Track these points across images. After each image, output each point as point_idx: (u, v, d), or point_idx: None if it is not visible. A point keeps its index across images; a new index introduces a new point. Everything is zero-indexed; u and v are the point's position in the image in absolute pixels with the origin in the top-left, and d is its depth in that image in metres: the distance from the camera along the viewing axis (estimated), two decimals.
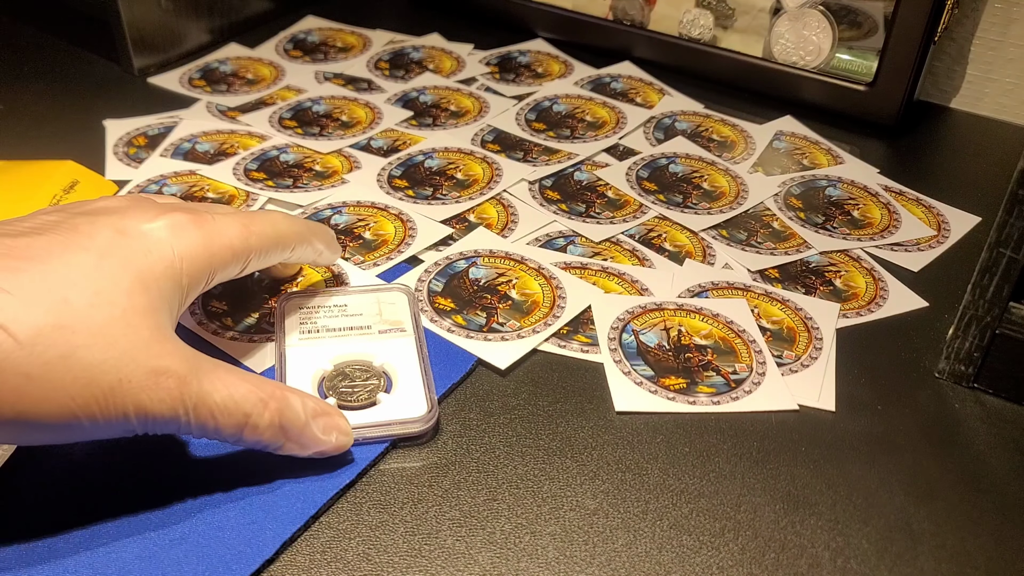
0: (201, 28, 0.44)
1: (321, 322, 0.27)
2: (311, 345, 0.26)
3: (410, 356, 0.26)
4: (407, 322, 0.27)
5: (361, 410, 0.24)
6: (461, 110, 0.40)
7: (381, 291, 0.28)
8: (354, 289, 0.28)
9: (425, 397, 0.24)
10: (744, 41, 0.42)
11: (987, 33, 0.41)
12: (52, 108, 0.39)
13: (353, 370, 0.25)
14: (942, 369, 0.27)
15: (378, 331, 0.26)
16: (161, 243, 0.21)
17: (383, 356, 0.26)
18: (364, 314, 0.27)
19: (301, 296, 0.27)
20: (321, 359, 0.25)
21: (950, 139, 0.41)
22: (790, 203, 0.35)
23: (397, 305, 0.27)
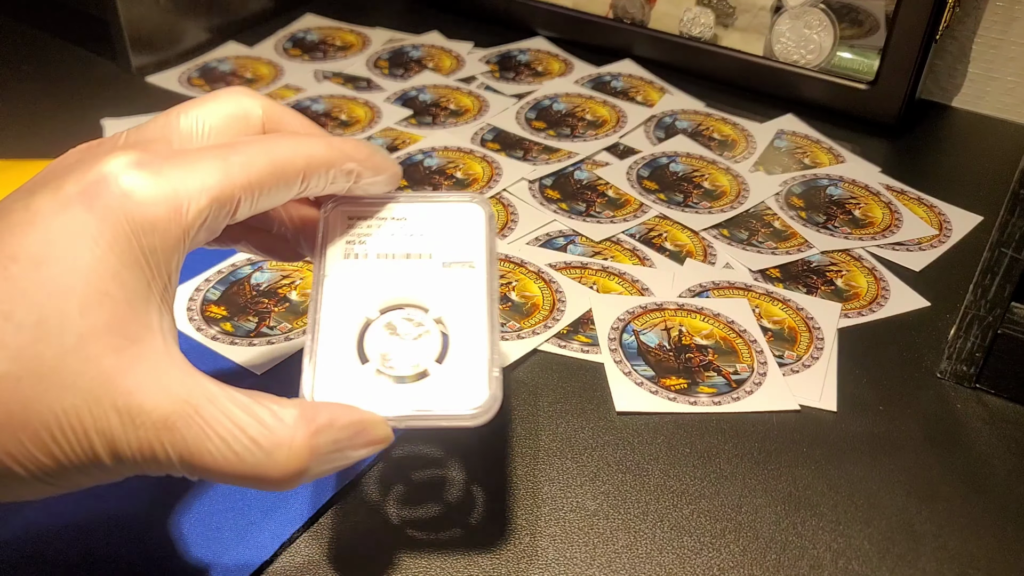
0: (200, 27, 0.44)
1: (373, 241, 0.20)
2: (355, 276, 0.20)
3: (476, 305, 0.19)
4: (479, 251, 0.20)
5: (403, 383, 0.18)
6: (461, 109, 0.40)
7: (453, 203, 0.21)
8: (420, 197, 0.21)
9: (487, 374, 0.18)
10: (745, 39, 0.42)
11: (988, 31, 0.41)
12: (50, 107, 0.39)
13: (402, 322, 0.19)
14: (944, 369, 0.27)
15: (441, 262, 0.20)
16: (108, 216, 0.15)
17: (442, 301, 0.19)
18: (426, 234, 0.20)
19: (353, 203, 0.20)
20: (366, 300, 0.19)
21: (952, 138, 0.41)
22: (791, 202, 0.35)
23: (470, 225, 0.21)
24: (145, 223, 0.15)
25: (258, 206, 0.17)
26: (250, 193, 0.17)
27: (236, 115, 0.18)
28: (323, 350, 0.19)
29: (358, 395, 0.18)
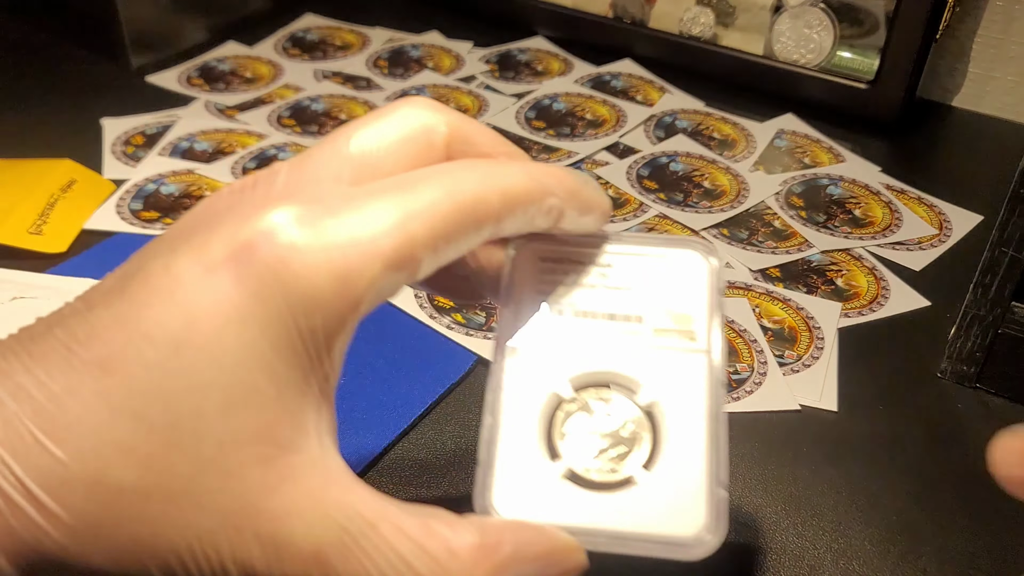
0: (199, 26, 0.44)
1: (570, 294, 0.16)
2: (546, 338, 0.16)
3: (694, 391, 0.15)
4: (700, 317, 0.16)
5: (600, 492, 0.15)
6: (460, 108, 0.40)
7: (669, 248, 0.17)
8: (629, 239, 0.17)
9: (707, 492, 0.15)
10: (745, 39, 0.42)
11: (988, 31, 0.41)
12: (49, 106, 0.39)
13: (603, 407, 0.15)
14: (944, 369, 0.27)
15: (652, 328, 0.16)
16: (261, 290, 0.12)
17: (652, 383, 0.15)
18: (635, 289, 0.16)
19: (547, 241, 0.16)
20: (558, 371, 0.15)
21: (952, 137, 0.41)
22: (791, 202, 0.35)
23: (689, 281, 0.16)
24: (306, 299, 0.12)
25: (441, 261, 0.14)
26: (433, 251, 0.13)
27: (415, 136, 0.15)
28: (505, 441, 0.15)
29: (545, 505, 0.14)
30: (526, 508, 0.15)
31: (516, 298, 0.16)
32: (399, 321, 0.28)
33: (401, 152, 0.14)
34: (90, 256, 0.30)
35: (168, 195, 0.34)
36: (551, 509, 0.15)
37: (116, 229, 0.32)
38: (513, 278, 0.16)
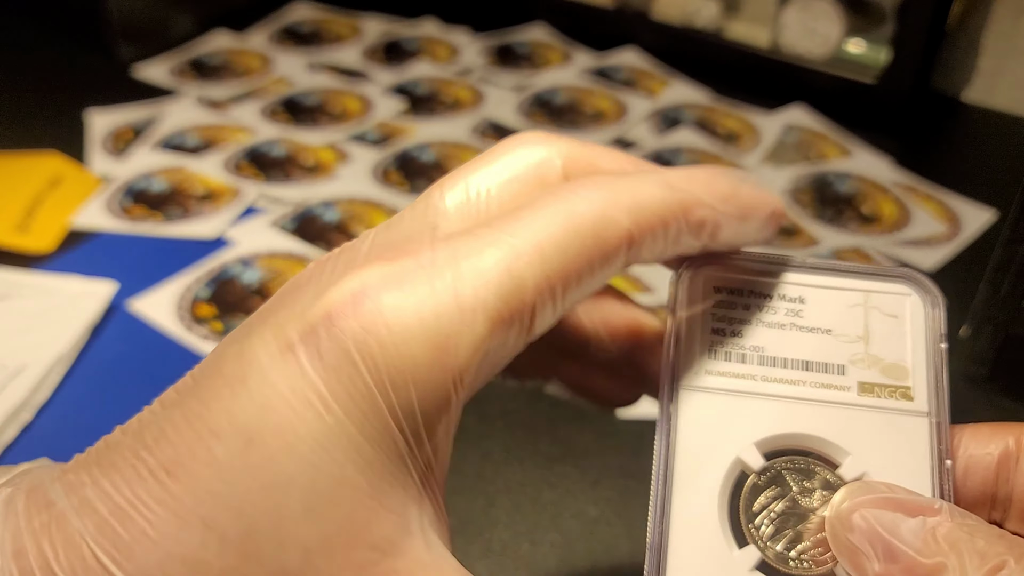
0: (189, 17, 0.43)
1: (753, 335, 0.13)
2: (728, 394, 0.13)
3: (915, 463, 0.12)
4: (918, 374, 0.13)
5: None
6: (458, 101, 0.39)
7: (874, 279, 0.14)
8: (825, 266, 0.14)
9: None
10: (750, 30, 0.41)
11: (999, 24, 0.40)
12: (36, 98, 0.38)
13: (799, 480, 0.12)
14: (954, 369, 0.26)
15: (857, 382, 0.13)
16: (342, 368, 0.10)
17: (861, 451, 0.13)
18: (834, 331, 0.13)
19: (721, 262, 0.14)
20: (742, 434, 0.13)
21: (963, 132, 0.40)
22: (799, 197, 0.34)
23: (904, 324, 0.13)
24: (397, 372, 0.10)
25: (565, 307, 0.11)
26: (551, 294, 0.11)
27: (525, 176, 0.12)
28: (680, 520, 0.12)
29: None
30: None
31: (687, 338, 0.13)
32: None
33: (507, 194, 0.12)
34: (78, 254, 0.30)
35: (158, 191, 0.33)
36: None
37: (104, 226, 0.31)
38: (681, 312, 0.13)
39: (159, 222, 0.31)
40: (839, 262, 0.14)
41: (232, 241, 0.31)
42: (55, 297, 0.27)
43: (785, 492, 0.12)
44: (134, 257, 0.30)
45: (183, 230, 0.31)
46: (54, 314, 0.26)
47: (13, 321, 0.26)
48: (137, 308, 0.27)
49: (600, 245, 0.11)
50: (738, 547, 0.12)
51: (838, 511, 0.11)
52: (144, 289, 0.28)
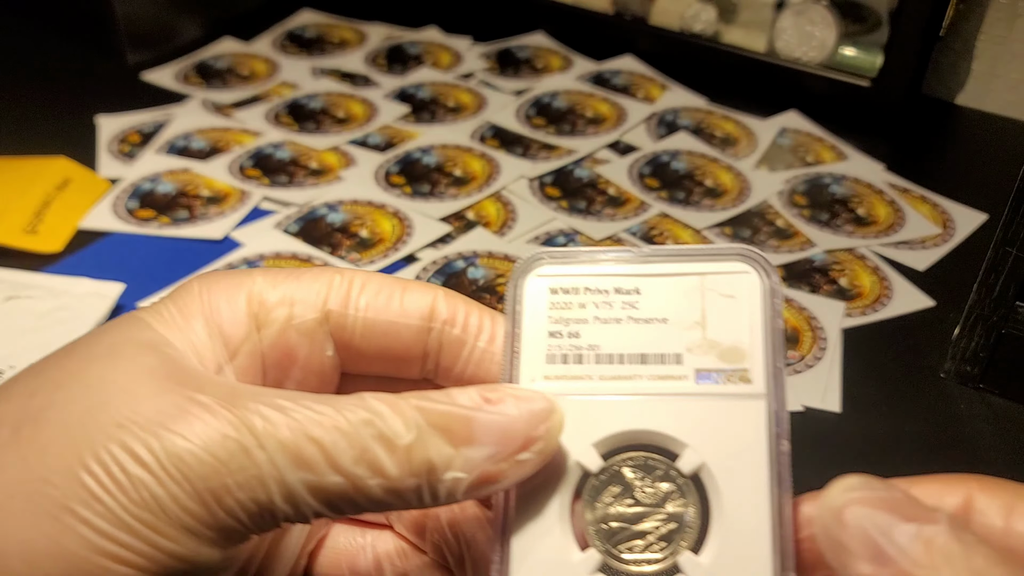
0: (196, 23, 0.44)
1: (589, 333, 0.13)
2: (564, 393, 0.13)
3: (752, 450, 0.12)
4: (756, 354, 0.13)
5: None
6: (459, 105, 0.40)
7: (710, 262, 0.13)
8: (659, 254, 0.13)
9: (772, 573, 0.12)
10: (747, 35, 0.41)
11: (993, 28, 0.40)
12: (45, 103, 0.39)
13: (639, 478, 0.12)
14: (948, 369, 0.27)
15: (694, 371, 0.13)
16: None
17: (699, 442, 0.12)
18: (671, 320, 0.13)
19: (559, 262, 0.14)
20: (580, 433, 0.13)
21: (956, 135, 0.40)
22: (794, 200, 0.35)
23: (738, 305, 0.13)
24: None
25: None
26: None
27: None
28: (521, 529, 0.12)
29: None
30: None
31: (525, 344, 0.13)
32: None
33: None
34: (85, 255, 0.30)
35: (164, 194, 0.33)
36: None
37: (112, 228, 0.32)
38: (518, 318, 0.13)
39: (166, 224, 0.32)
40: (673, 247, 0.14)
41: (238, 243, 0.31)
42: (63, 298, 0.27)
43: (625, 491, 0.12)
44: (141, 259, 0.30)
45: (189, 232, 0.31)
46: (62, 315, 0.27)
47: (22, 321, 0.27)
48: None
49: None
50: (580, 551, 0.12)
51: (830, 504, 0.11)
52: (151, 290, 0.28)
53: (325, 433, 0.11)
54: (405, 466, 0.11)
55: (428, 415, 0.12)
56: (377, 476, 0.11)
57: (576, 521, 0.12)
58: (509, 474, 0.12)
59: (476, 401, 0.12)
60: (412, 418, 0.12)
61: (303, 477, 0.11)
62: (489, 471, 0.12)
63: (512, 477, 0.12)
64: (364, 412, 0.12)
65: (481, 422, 0.12)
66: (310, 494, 0.11)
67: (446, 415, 0.12)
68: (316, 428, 0.11)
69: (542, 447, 0.12)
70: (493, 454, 0.12)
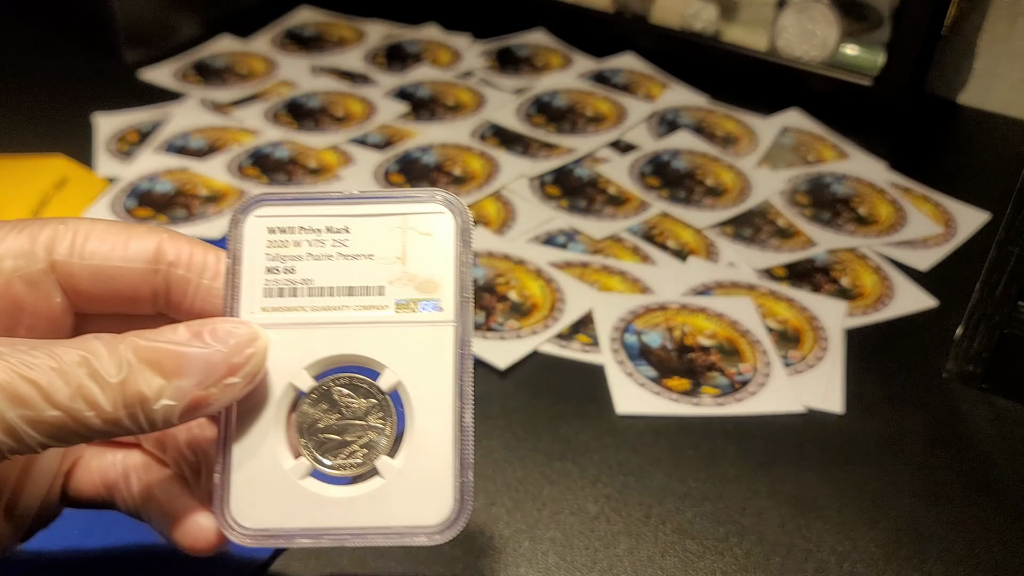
0: (194, 21, 0.44)
1: (303, 268, 0.15)
2: (280, 324, 0.15)
3: (441, 368, 0.14)
4: (447, 285, 0.15)
5: (345, 488, 0.14)
6: (459, 104, 0.39)
7: (411, 204, 0.15)
8: (366, 197, 0.15)
9: (453, 473, 0.14)
10: (748, 34, 0.41)
11: (994, 27, 0.40)
12: (42, 101, 0.39)
13: (344, 394, 0.14)
14: (950, 370, 0.27)
15: (395, 301, 0.15)
16: None
17: (397, 361, 0.14)
18: (376, 256, 0.15)
19: (276, 204, 0.15)
20: (294, 360, 0.14)
21: (958, 134, 0.40)
22: (796, 199, 0.35)
23: (435, 242, 0.15)
24: None
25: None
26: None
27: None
28: (240, 440, 0.14)
29: (287, 511, 0.14)
30: (267, 516, 0.14)
31: (244, 279, 0.15)
32: None
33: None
34: None
35: (163, 192, 0.33)
36: (294, 514, 0.14)
37: None
38: (238, 255, 0.15)
39: (164, 223, 0.32)
40: (380, 190, 0.16)
41: None
42: None
43: (333, 407, 0.14)
44: None
45: (187, 231, 0.31)
46: None
47: None
48: None
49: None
50: (293, 459, 0.14)
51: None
52: None
53: (40, 374, 0.13)
54: (118, 399, 0.13)
55: (140, 352, 0.14)
56: (93, 409, 0.13)
57: (290, 434, 0.15)
58: (219, 397, 0.14)
59: (185, 336, 0.14)
60: (124, 357, 0.14)
61: (21, 413, 0.13)
62: (198, 396, 0.14)
63: (222, 399, 0.14)
64: (80, 352, 0.13)
65: (188, 355, 0.14)
66: (30, 427, 0.13)
67: (157, 351, 0.14)
68: (30, 370, 0.13)
69: (247, 371, 0.14)
70: (200, 381, 0.14)
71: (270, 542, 0.14)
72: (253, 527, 0.14)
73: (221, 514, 0.14)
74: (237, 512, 0.14)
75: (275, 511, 0.14)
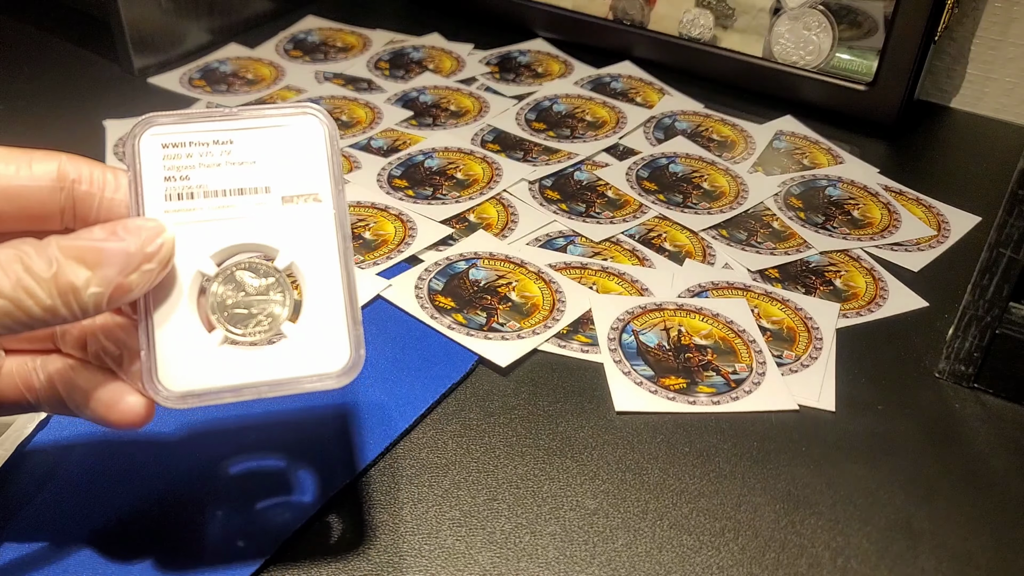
0: (201, 28, 0.44)
1: (197, 175, 0.17)
2: (182, 222, 0.17)
3: (326, 246, 0.17)
4: (322, 179, 0.17)
5: (257, 350, 0.17)
6: (461, 110, 0.40)
7: (284, 117, 0.18)
8: (244, 113, 0.18)
9: (347, 330, 0.17)
10: (744, 41, 0.42)
11: (987, 32, 0.41)
12: (52, 108, 0.39)
13: (246, 274, 0.17)
14: (942, 369, 0.27)
15: (280, 197, 0.17)
16: None
17: (288, 244, 0.17)
18: (259, 161, 0.17)
19: (168, 122, 0.17)
20: (199, 251, 0.17)
21: (950, 139, 0.41)
22: (790, 203, 0.35)
23: (309, 146, 0.18)
24: None
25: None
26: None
27: None
28: (161, 323, 0.17)
29: (208, 373, 0.17)
30: (191, 379, 0.17)
31: (147, 190, 0.17)
32: (400, 321, 0.28)
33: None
34: None
35: None
36: (214, 374, 0.17)
37: None
38: (138, 169, 0.17)
39: None
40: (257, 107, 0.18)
41: None
42: None
43: (238, 286, 0.17)
44: None
45: None
46: None
47: None
48: None
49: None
50: (208, 332, 0.17)
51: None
52: None
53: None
54: (53, 289, 0.15)
55: (65, 250, 0.16)
56: (31, 299, 0.15)
57: (202, 312, 0.17)
58: (139, 283, 0.16)
59: (102, 235, 0.16)
60: (53, 254, 0.16)
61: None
62: (121, 283, 0.16)
63: (142, 284, 0.16)
64: (13, 251, 0.15)
65: (107, 248, 0.16)
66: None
67: (80, 248, 0.16)
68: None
69: (160, 257, 0.16)
70: (121, 269, 0.16)
71: (197, 401, 0.17)
72: (180, 390, 0.17)
73: (151, 382, 0.17)
74: (165, 379, 0.17)
75: (198, 374, 0.17)
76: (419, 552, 0.21)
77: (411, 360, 0.26)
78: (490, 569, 0.21)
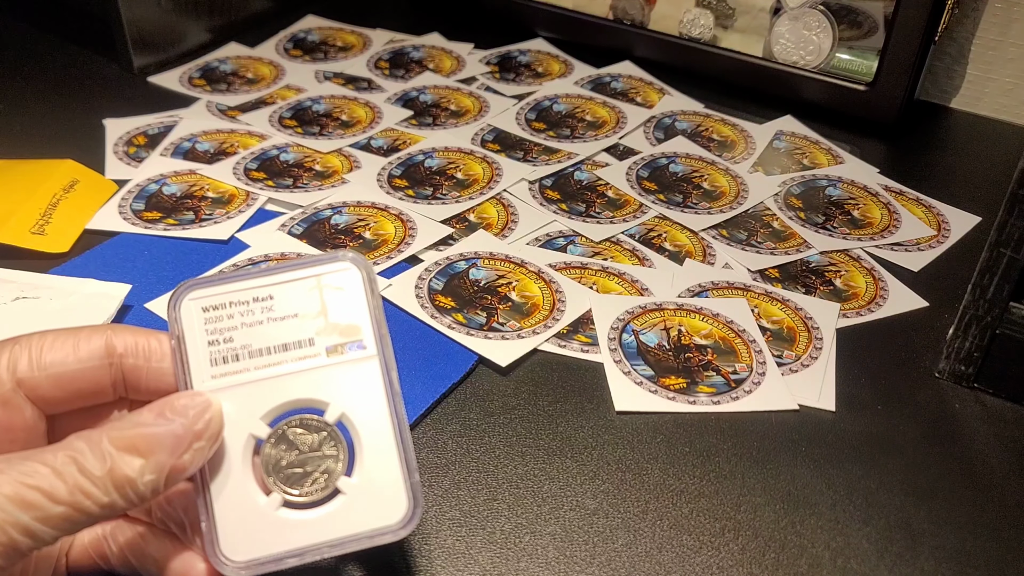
0: (201, 27, 0.44)
1: (240, 336, 0.17)
2: (230, 387, 0.17)
3: (375, 395, 0.17)
4: (366, 327, 0.17)
5: (314, 510, 0.17)
6: (461, 109, 0.40)
7: (321, 266, 0.18)
8: (281, 267, 0.18)
9: (403, 480, 0.17)
10: (744, 41, 0.42)
11: (987, 33, 0.41)
12: (52, 107, 0.39)
13: (298, 433, 0.17)
14: (942, 369, 0.27)
15: (324, 348, 0.17)
16: None
17: (337, 397, 0.17)
18: (300, 315, 0.17)
19: (204, 286, 0.17)
20: (248, 412, 0.17)
21: (950, 139, 0.41)
22: (790, 203, 0.35)
23: (348, 294, 0.18)
24: None
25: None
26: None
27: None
28: (217, 491, 0.17)
29: (269, 539, 0.16)
30: (253, 548, 0.16)
31: (190, 355, 0.17)
32: (401, 321, 0.28)
33: None
34: (92, 256, 0.31)
35: (170, 195, 0.34)
36: (276, 541, 0.16)
37: (118, 229, 0.32)
38: (183, 336, 0.17)
39: (172, 226, 0.32)
40: (291, 260, 0.19)
41: (245, 244, 0.32)
42: (71, 298, 0.28)
43: (290, 445, 0.17)
44: (147, 260, 0.31)
45: (195, 233, 0.32)
46: (70, 315, 0.27)
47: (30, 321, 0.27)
48: (151, 310, 0.28)
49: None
50: (265, 496, 0.17)
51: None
52: (157, 291, 0.29)
53: (40, 479, 0.15)
54: (109, 486, 0.16)
55: (116, 442, 0.16)
56: (89, 499, 0.15)
57: (258, 475, 0.17)
58: (192, 461, 0.16)
59: (150, 418, 0.16)
60: (106, 449, 0.16)
61: (33, 515, 0.15)
62: (175, 465, 0.16)
63: (195, 462, 0.16)
64: (67, 454, 0.15)
65: (157, 433, 0.16)
66: (42, 524, 0.15)
67: (132, 437, 0.16)
68: (30, 478, 0.15)
69: (209, 433, 0.17)
70: (172, 452, 0.16)
71: (260, 568, 0.17)
72: (243, 559, 0.17)
73: (214, 554, 0.17)
74: (227, 549, 0.16)
75: (259, 541, 0.17)
76: (419, 552, 0.21)
77: (411, 360, 0.26)
78: (490, 569, 0.21)
